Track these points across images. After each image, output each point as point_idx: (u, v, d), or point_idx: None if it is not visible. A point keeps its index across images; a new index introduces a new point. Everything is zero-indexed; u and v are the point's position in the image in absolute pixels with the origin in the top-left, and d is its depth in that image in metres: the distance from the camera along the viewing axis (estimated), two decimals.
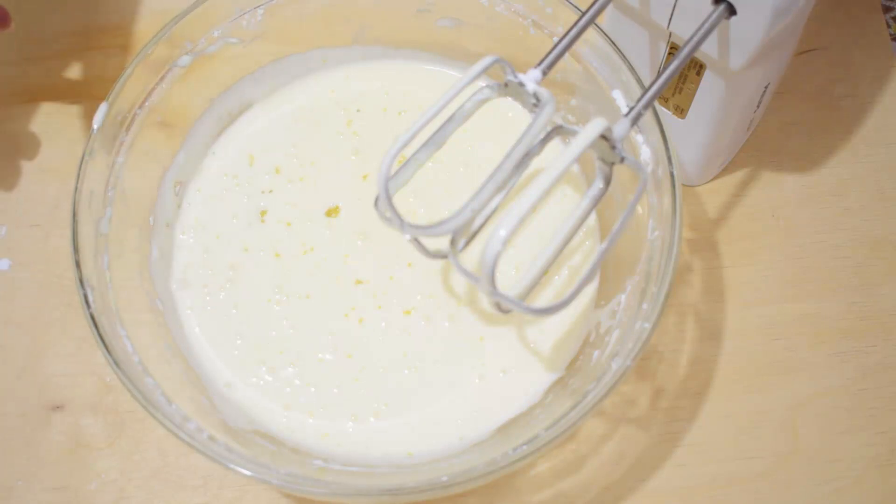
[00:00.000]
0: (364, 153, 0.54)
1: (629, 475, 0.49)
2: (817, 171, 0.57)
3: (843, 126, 0.58)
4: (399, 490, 0.42)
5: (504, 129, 0.53)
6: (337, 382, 0.48)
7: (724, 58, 0.44)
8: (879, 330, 0.52)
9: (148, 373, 0.43)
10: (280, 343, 0.49)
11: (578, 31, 0.41)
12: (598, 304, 0.50)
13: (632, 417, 0.50)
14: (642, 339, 0.42)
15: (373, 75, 0.56)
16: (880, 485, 0.49)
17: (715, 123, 0.50)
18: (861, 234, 0.55)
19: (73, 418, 0.50)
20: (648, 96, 0.40)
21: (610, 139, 0.39)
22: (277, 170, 0.53)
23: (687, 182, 0.56)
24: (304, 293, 0.50)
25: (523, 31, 0.52)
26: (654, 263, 0.44)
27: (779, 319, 0.53)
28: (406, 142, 0.37)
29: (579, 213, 0.42)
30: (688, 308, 0.53)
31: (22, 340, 0.52)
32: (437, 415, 0.48)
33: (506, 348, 0.49)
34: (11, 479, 0.49)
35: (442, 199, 0.52)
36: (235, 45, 0.52)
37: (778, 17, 0.41)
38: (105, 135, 0.47)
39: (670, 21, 0.45)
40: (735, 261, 0.54)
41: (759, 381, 0.51)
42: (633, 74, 0.46)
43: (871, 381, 0.51)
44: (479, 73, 0.38)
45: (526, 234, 0.51)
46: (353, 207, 0.52)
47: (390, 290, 0.50)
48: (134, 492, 0.48)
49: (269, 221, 0.52)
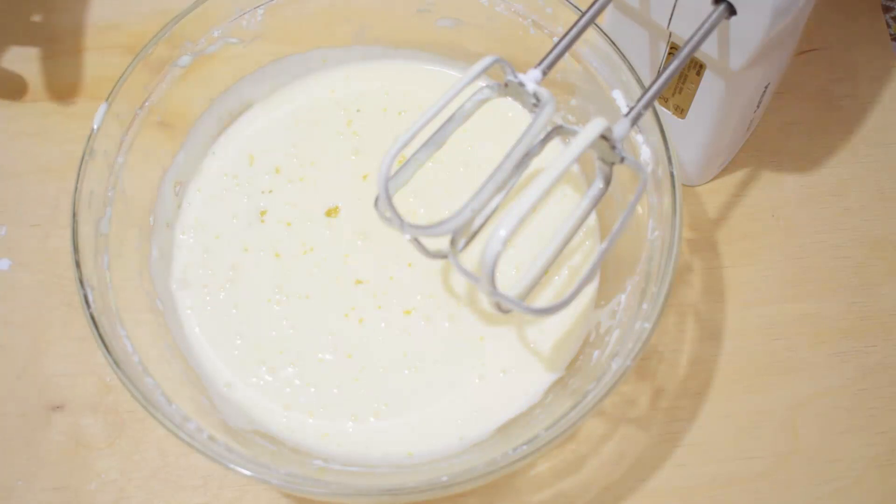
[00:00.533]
0: (364, 153, 0.54)
1: (629, 475, 0.49)
2: (817, 171, 0.57)
3: (843, 126, 0.58)
4: (399, 490, 0.42)
5: (504, 129, 0.53)
6: (337, 382, 0.48)
7: (724, 58, 0.44)
8: (879, 330, 0.52)
9: (148, 373, 0.43)
10: (280, 343, 0.49)
11: (578, 31, 0.41)
12: (598, 304, 0.50)
13: (632, 417, 0.50)
14: (642, 339, 0.42)
15: (373, 75, 0.56)
16: (880, 485, 0.49)
17: (715, 123, 0.50)
18: (861, 234, 0.55)
19: (73, 418, 0.50)
20: (648, 96, 0.40)
21: (610, 139, 0.39)
22: (277, 170, 0.53)
23: (687, 182, 0.56)
24: (304, 293, 0.50)
25: (523, 31, 0.52)
26: (654, 263, 0.44)
27: (779, 319, 0.53)
28: (406, 142, 0.37)
29: (579, 213, 0.42)
30: (688, 308, 0.53)
31: (22, 340, 0.52)
32: (437, 415, 0.48)
33: (506, 348, 0.49)
34: (11, 479, 0.49)
35: (442, 199, 0.52)
36: (235, 45, 0.52)
37: (778, 17, 0.41)
38: (105, 135, 0.47)
39: (670, 21, 0.45)
40: (735, 261, 0.54)
41: (759, 381, 0.51)
42: (633, 74, 0.46)
43: (871, 381, 0.51)
44: (479, 73, 0.38)
45: (526, 234, 0.51)
46: (353, 207, 0.52)
47: (390, 290, 0.50)
48: (134, 492, 0.48)
49: (269, 221, 0.52)
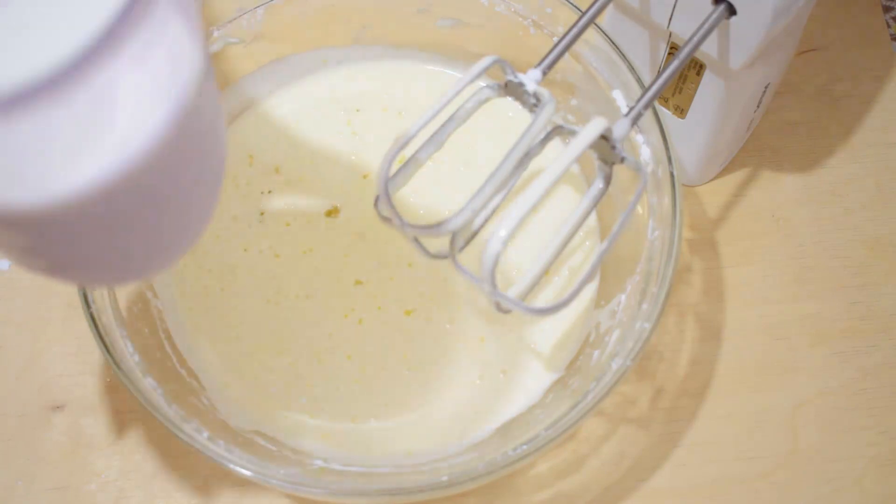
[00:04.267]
0: (364, 153, 0.54)
1: (629, 475, 0.49)
2: (817, 171, 0.57)
3: (843, 126, 0.58)
4: (399, 490, 0.42)
5: (504, 129, 0.53)
6: (337, 383, 0.48)
7: (724, 58, 0.44)
8: (879, 330, 0.52)
9: (148, 373, 0.43)
10: (280, 343, 0.49)
11: (578, 31, 0.41)
12: (598, 304, 0.50)
13: (632, 417, 0.50)
14: (642, 339, 0.42)
15: (373, 75, 0.56)
16: (880, 485, 0.49)
17: (715, 123, 0.50)
18: (861, 234, 0.55)
19: (73, 418, 0.50)
20: (648, 96, 0.40)
21: (610, 139, 0.39)
22: (277, 170, 0.53)
23: (687, 182, 0.56)
24: (303, 294, 0.50)
25: (523, 31, 0.52)
26: (654, 263, 0.44)
27: (779, 319, 0.53)
28: (406, 142, 0.37)
29: (579, 213, 0.42)
30: (688, 308, 0.53)
31: (22, 340, 0.52)
32: (437, 415, 0.48)
33: (506, 348, 0.49)
34: (11, 479, 0.49)
35: (442, 199, 0.52)
36: (235, 45, 0.52)
37: (778, 17, 0.41)
38: None
39: (670, 21, 0.45)
40: (735, 261, 0.54)
41: (759, 381, 0.51)
42: (633, 74, 0.46)
43: (871, 381, 0.51)
44: (479, 73, 0.38)
45: (526, 234, 0.51)
46: (353, 207, 0.52)
47: (390, 290, 0.50)
48: (134, 492, 0.48)
49: (269, 222, 0.52)
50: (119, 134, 0.25)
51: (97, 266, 0.31)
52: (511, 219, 0.35)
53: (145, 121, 0.25)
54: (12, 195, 0.24)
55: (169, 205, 0.29)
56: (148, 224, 0.29)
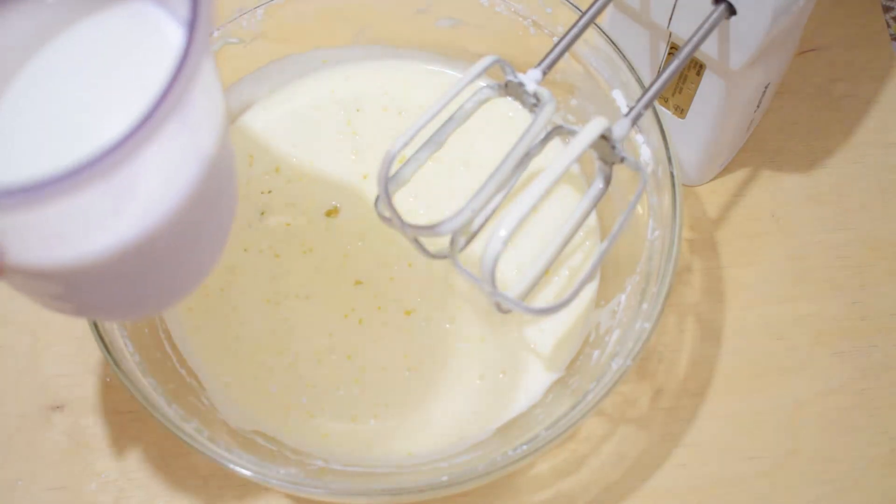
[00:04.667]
0: (364, 153, 0.54)
1: (629, 475, 0.49)
2: (817, 171, 0.57)
3: (843, 126, 0.58)
4: (399, 490, 0.42)
5: (504, 129, 0.53)
6: (337, 383, 0.48)
7: (724, 58, 0.44)
8: (879, 330, 0.52)
9: (148, 373, 0.43)
10: (279, 344, 0.49)
11: (578, 31, 0.41)
12: (598, 304, 0.50)
13: (632, 417, 0.50)
14: (642, 339, 0.42)
15: (373, 75, 0.56)
16: (880, 485, 0.49)
17: (715, 123, 0.50)
18: (861, 234, 0.55)
19: (73, 418, 0.50)
20: (648, 96, 0.40)
21: (610, 139, 0.39)
22: (277, 170, 0.53)
23: (687, 182, 0.56)
24: (303, 294, 0.50)
25: (523, 31, 0.52)
26: (654, 263, 0.44)
27: (779, 319, 0.53)
28: (406, 142, 0.37)
29: (579, 213, 0.42)
30: (688, 308, 0.53)
31: (22, 340, 0.52)
32: (437, 415, 0.48)
33: (506, 348, 0.49)
34: (11, 479, 0.49)
35: (442, 199, 0.52)
36: (235, 45, 0.52)
37: (778, 17, 0.41)
38: None
39: (670, 21, 0.45)
40: (735, 261, 0.54)
41: (759, 381, 0.51)
42: (633, 74, 0.46)
43: (871, 381, 0.51)
44: (479, 73, 0.38)
45: (526, 234, 0.51)
46: (353, 207, 0.52)
47: (390, 290, 0.50)
48: (134, 492, 0.48)
49: (269, 222, 0.52)
50: (149, 198, 0.28)
51: (118, 307, 0.35)
52: (511, 219, 0.35)
53: (171, 184, 0.29)
54: (57, 253, 0.28)
55: (190, 249, 0.33)
56: (169, 269, 0.33)
